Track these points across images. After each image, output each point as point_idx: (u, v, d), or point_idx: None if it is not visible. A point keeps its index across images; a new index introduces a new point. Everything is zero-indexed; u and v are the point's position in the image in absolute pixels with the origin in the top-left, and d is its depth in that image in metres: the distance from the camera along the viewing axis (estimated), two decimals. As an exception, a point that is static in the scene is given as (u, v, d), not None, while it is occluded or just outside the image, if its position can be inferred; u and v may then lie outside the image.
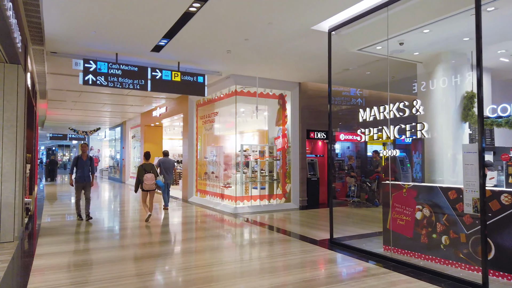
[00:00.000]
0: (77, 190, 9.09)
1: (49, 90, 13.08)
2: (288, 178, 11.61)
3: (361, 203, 11.67)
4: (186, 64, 9.36)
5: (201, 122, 13.07)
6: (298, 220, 9.33)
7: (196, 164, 13.37)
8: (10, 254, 5.83)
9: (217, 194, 11.77)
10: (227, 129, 11.63)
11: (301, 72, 10.39)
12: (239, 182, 10.76)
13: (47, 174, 25.11)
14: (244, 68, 9.85)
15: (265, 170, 11.36)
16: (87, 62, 8.00)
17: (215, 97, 12.08)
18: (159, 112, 16.60)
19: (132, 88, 8.46)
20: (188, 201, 13.04)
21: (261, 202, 11.13)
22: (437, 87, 6.39)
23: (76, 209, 9.17)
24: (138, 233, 7.73)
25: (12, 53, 6.19)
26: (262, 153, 11.26)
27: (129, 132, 23.19)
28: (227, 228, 8.36)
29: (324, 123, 12.06)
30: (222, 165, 11.63)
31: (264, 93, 11.38)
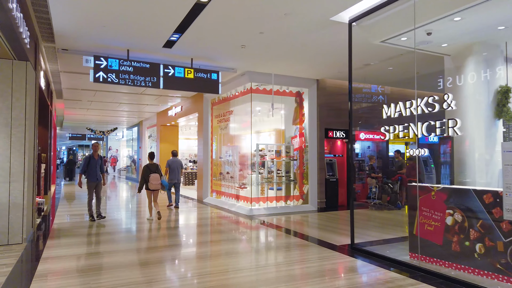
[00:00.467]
0: (90, 190, 8.98)
1: (64, 90, 13.02)
2: (306, 178, 11.18)
3: (382, 205, 11.14)
4: (199, 61, 9.05)
5: (216, 121, 12.77)
6: (316, 223, 8.90)
7: (211, 164, 13.07)
8: (16, 257, 5.62)
9: (232, 195, 11.44)
10: (243, 128, 11.29)
11: (319, 68, 9.94)
12: (254, 182, 10.40)
13: (66, 174, 25.34)
14: (259, 64, 9.48)
15: (282, 170, 10.96)
16: (98, 59, 7.78)
17: (230, 95, 11.76)
18: (175, 111, 16.40)
19: (144, 86, 8.21)
20: (203, 201, 12.76)
21: (278, 204, 10.74)
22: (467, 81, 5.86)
23: (88, 209, 8.99)
24: (151, 236, 7.45)
25: (19, 49, 5.99)
26: (279, 153, 10.87)
27: (145, 132, 23.15)
28: (242, 231, 8.01)
29: (343, 121, 11.58)
30: (238, 165, 11.30)
31: (281, 91, 10.98)
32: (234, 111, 11.58)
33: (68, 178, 24.95)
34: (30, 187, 6.98)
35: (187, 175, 20.05)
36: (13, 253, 5.88)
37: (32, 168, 7.29)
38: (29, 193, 6.89)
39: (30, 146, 6.95)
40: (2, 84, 6.45)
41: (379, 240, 7.13)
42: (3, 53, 6.15)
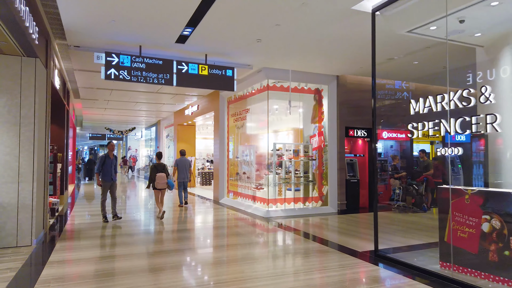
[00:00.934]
0: (105, 190, 8.83)
1: (80, 89, 12.95)
2: (325, 179, 10.72)
3: (407, 207, 10.57)
4: (214, 57, 8.73)
5: (232, 120, 12.44)
6: (336, 227, 8.44)
7: (227, 164, 12.76)
8: (22, 261, 5.41)
9: (248, 196, 11.09)
10: (259, 127, 10.92)
11: (339, 64, 9.47)
12: (271, 183, 10.02)
13: (86, 173, 25.57)
14: (276, 60, 9.08)
15: (300, 170, 10.53)
16: (109, 55, 7.55)
17: (246, 93, 11.40)
18: (191, 110, 16.18)
19: (156, 83, 7.94)
20: (219, 202, 12.46)
21: (296, 206, 10.32)
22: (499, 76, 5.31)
23: (102, 210, 8.81)
24: (165, 239, 7.17)
25: (26, 45, 5.79)
26: (297, 153, 10.45)
27: (163, 131, 23.08)
28: (259, 234, 7.63)
29: (364, 119, 11.06)
30: (254, 165, 10.94)
31: (299, 88, 10.56)
32: (250, 110, 11.22)
33: (88, 177, 25.16)
34: (40, 187, 6.80)
35: (204, 175, 19.83)
36: (20, 256, 5.68)
37: (43, 168, 7.12)
38: (39, 193, 6.71)
39: (40, 145, 6.77)
40: (10, 82, 6.28)
41: (405, 246, 6.64)
42: (11, 49, 5.97)
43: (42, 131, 7.03)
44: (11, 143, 6.24)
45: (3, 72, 6.23)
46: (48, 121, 7.60)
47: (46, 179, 7.56)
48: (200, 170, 20.62)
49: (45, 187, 7.44)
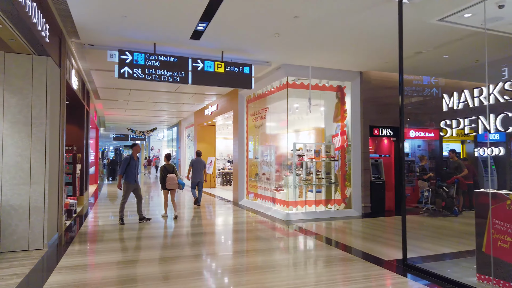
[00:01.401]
0: (127, 192, 8.67)
1: (99, 89, 12.92)
2: (348, 181, 10.22)
3: (436, 211, 9.93)
4: (230, 54, 8.40)
5: (251, 119, 12.10)
6: (361, 232, 7.95)
7: (246, 165, 12.42)
8: (31, 266, 5.24)
9: (268, 198, 10.71)
10: (279, 126, 10.52)
11: (362, 59, 8.96)
12: (292, 185, 9.61)
13: (109, 174, 25.84)
14: (296, 56, 8.67)
15: (322, 171, 10.07)
16: (123, 53, 7.34)
17: (265, 92, 11.03)
18: (211, 110, 15.95)
19: (171, 81, 7.68)
20: (239, 204, 12.14)
21: (317, 208, 9.86)
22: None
23: (120, 212, 8.64)
24: (181, 243, 6.88)
25: (35, 43, 5.62)
26: (318, 153, 10.00)
27: (184, 131, 23.01)
28: (278, 239, 7.24)
29: (390, 118, 10.50)
30: (274, 166, 10.55)
31: (320, 85, 10.10)
32: (270, 108, 10.84)
33: (111, 177, 25.43)
34: (53, 189, 6.65)
35: (224, 176, 19.60)
36: (30, 260, 5.51)
37: (56, 169, 6.98)
38: (52, 195, 6.56)
39: (53, 145, 6.61)
40: (21, 81, 6.14)
41: (436, 255, 6.11)
42: (21, 47, 5.82)
43: (55, 131, 6.89)
44: (22, 144, 6.10)
45: (14, 71, 6.10)
46: (62, 121, 7.47)
47: (61, 180, 7.43)
48: (220, 170, 20.41)
49: (60, 188, 7.31)
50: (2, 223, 5.95)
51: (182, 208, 11.41)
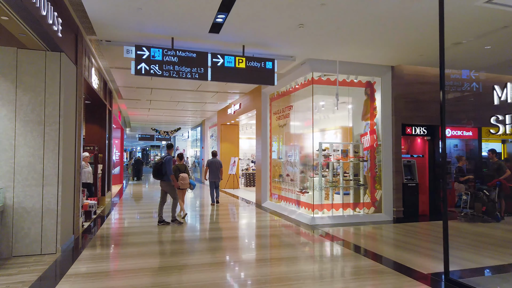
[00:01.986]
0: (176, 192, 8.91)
1: (120, 88, 12.77)
2: (378, 183, 9.57)
3: (475, 216, 9.14)
4: (252, 48, 7.96)
5: (275, 118, 11.62)
6: (392, 239, 7.32)
7: (270, 165, 11.95)
8: (40, 272, 4.96)
9: (292, 200, 10.20)
10: (304, 125, 9.99)
11: (394, 51, 8.31)
12: (317, 187, 9.06)
13: (134, 173, 25.97)
14: (322, 49, 8.13)
15: (349, 173, 9.47)
16: (140, 49, 7.03)
17: (289, 89, 10.52)
18: (234, 109, 15.58)
19: (190, 78, 7.31)
20: (262, 206, 11.69)
21: (344, 212, 9.27)
22: None
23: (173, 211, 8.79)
24: (201, 249, 6.49)
25: (46, 38, 5.36)
26: (346, 153, 9.40)
27: (207, 131, 22.79)
28: (303, 246, 6.74)
29: (424, 115, 9.77)
30: (298, 167, 10.04)
31: (348, 81, 9.50)
32: (294, 107, 10.32)
33: (136, 177, 25.53)
34: (67, 190, 6.41)
35: (248, 176, 19.21)
36: (40, 266, 5.25)
37: (71, 170, 6.75)
38: (66, 197, 6.31)
39: (67, 145, 6.37)
40: (34, 78, 5.91)
41: (480, 267, 5.45)
42: (33, 43, 5.58)
43: (70, 130, 6.65)
44: (35, 144, 5.87)
45: (27, 68, 5.88)
46: (79, 120, 7.24)
47: (78, 181, 7.20)
48: (244, 171, 20.04)
49: (76, 189, 7.08)
50: (15, 226, 5.74)
51: (205, 210, 11.06)
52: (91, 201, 9.46)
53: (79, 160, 7.30)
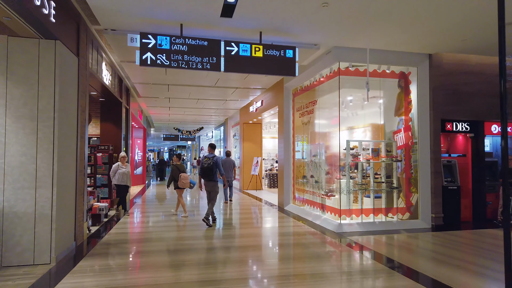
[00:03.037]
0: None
1: (136, 85, 12.27)
2: (414, 185, 8.54)
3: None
4: (270, 36, 7.16)
5: (298, 114, 10.75)
6: (431, 250, 6.33)
7: (293, 166, 11.10)
8: (26, 286, 4.35)
9: (317, 204, 9.31)
10: (329, 121, 9.09)
11: (433, 37, 7.29)
12: (345, 190, 8.14)
13: (157, 174, 25.71)
14: (349, 35, 7.22)
15: (381, 174, 8.49)
16: (145, 36, 6.37)
17: (313, 82, 9.64)
18: (255, 106, 14.81)
19: (201, 68, 6.60)
20: (284, 209, 10.86)
21: (376, 218, 8.30)
22: None
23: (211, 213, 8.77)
24: (214, 260, 5.75)
25: (36, 23, 4.78)
26: (377, 152, 8.42)
27: (230, 131, 22.14)
28: (328, 258, 5.87)
29: (467, 109, 8.67)
30: (324, 168, 9.14)
31: (379, 71, 8.52)
32: (318, 102, 9.43)
33: (159, 178, 25.26)
34: (65, 193, 5.83)
35: (271, 177, 18.41)
36: (27, 279, 4.66)
37: (73, 170, 6.18)
38: (63, 200, 5.73)
39: (65, 144, 5.79)
40: (26, 69, 5.35)
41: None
42: (22, 29, 5.01)
43: (69, 127, 6.07)
44: (27, 142, 5.31)
45: (19, 58, 5.32)
46: (82, 116, 6.67)
47: (80, 183, 6.63)
48: (268, 171, 19.25)
49: (79, 192, 6.51)
50: (5, 233, 5.19)
51: (221, 212, 10.35)
52: (101, 203, 8.92)
53: (82, 159, 6.73)
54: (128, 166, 9.60)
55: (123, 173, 9.42)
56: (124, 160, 9.55)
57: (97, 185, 10.60)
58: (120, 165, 9.49)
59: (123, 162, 9.50)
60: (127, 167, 9.52)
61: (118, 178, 9.40)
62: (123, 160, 9.54)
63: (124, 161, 9.53)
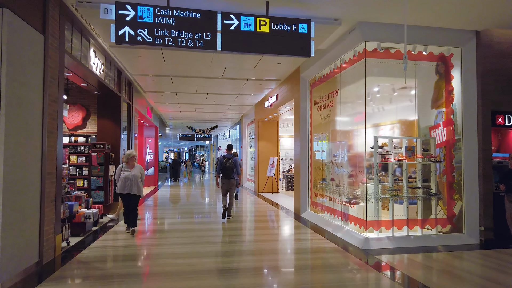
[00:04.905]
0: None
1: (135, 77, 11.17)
2: (457, 191, 7.02)
3: None
4: (279, 7, 5.83)
5: (316, 108, 9.36)
6: (481, 276, 4.85)
7: (310, 167, 9.71)
8: None
9: (338, 213, 7.91)
10: (353, 114, 7.66)
11: (482, 9, 5.79)
12: (372, 196, 6.72)
13: (171, 174, 24.73)
14: (379, 8, 5.81)
15: (416, 178, 7.01)
16: (122, 7, 5.15)
17: (334, 69, 8.23)
18: (270, 101, 13.48)
19: (192, 47, 5.33)
20: (301, 217, 9.49)
21: (410, 232, 6.83)
22: None
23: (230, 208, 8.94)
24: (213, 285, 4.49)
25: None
26: (411, 151, 6.95)
27: (246, 129, 20.88)
28: (351, 282, 4.50)
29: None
30: (346, 169, 7.73)
31: (414, 53, 7.05)
32: (340, 92, 8.01)
33: (173, 179, 24.27)
34: (19, 201, 4.67)
35: (289, 179, 17.03)
36: None
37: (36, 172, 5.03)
38: (16, 211, 4.57)
39: (20, 141, 4.64)
40: (-37, 45, 4.22)
41: None
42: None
43: (31, 120, 4.93)
44: (-36, 137, 4.17)
45: (-46, 31, 4.20)
46: (52, 108, 5.53)
47: (49, 188, 5.50)
48: (285, 172, 17.88)
49: (45, 200, 5.36)
50: None
51: (235, 222, 9.07)
52: (89, 210, 7.81)
53: (52, 160, 5.59)
54: (136, 168, 7.49)
55: (126, 177, 7.30)
56: (133, 161, 7.48)
57: (92, 188, 9.54)
58: (124, 167, 7.45)
59: (131, 163, 7.45)
60: (134, 170, 7.42)
61: (120, 185, 7.34)
62: (131, 160, 7.46)
63: (132, 162, 7.46)
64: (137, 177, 7.39)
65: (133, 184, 7.32)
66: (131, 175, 7.33)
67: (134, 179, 7.33)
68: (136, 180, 7.36)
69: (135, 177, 7.35)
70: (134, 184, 7.32)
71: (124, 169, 7.42)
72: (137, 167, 7.53)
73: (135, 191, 7.35)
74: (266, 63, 9.34)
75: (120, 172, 7.44)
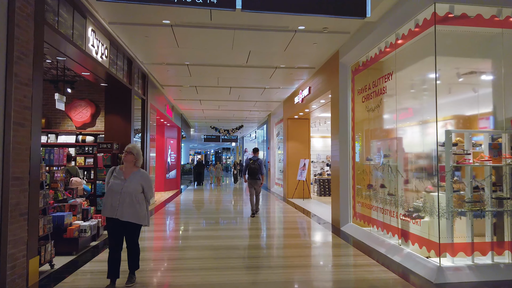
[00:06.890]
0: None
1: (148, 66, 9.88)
2: (561, 204, 5.19)
3: None
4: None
5: (360, 98, 7.70)
6: None
7: (353, 171, 8.05)
8: None
9: (392, 229, 6.22)
10: (413, 102, 5.96)
11: None
12: (443, 210, 5.01)
13: (195, 178, 23.52)
14: None
15: (505, 185, 5.23)
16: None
17: (385, 48, 6.56)
18: (302, 96, 11.90)
19: (201, 4, 3.86)
20: (341, 230, 7.86)
21: (498, 258, 5.07)
22: None
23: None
24: None
25: None
26: (496, 150, 5.20)
27: (273, 129, 19.34)
28: None
29: None
30: (402, 174, 6.05)
31: (499, 18, 5.29)
32: (394, 76, 6.33)
33: (197, 182, 23.04)
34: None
35: (322, 183, 15.36)
36: None
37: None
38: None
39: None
40: None
41: None
42: None
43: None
44: None
45: None
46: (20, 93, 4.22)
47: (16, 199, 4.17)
48: (317, 176, 16.21)
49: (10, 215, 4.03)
50: None
51: (258, 236, 7.54)
52: (89, 221, 6.51)
53: (22, 160, 4.26)
54: (136, 175, 4.41)
55: (114, 190, 4.30)
56: (130, 160, 4.47)
57: (97, 194, 8.30)
58: (116, 172, 4.46)
59: (127, 165, 4.48)
60: (132, 178, 4.37)
61: (106, 202, 4.33)
62: (127, 159, 4.46)
63: (129, 163, 4.47)
64: (136, 192, 4.32)
65: (127, 203, 4.26)
66: (124, 186, 4.29)
67: (129, 195, 4.28)
68: (133, 196, 4.30)
69: (133, 190, 4.30)
70: (128, 203, 4.26)
71: (116, 175, 4.40)
72: (137, 173, 4.42)
73: (130, 216, 4.26)
74: (299, 43, 7.78)
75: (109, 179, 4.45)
